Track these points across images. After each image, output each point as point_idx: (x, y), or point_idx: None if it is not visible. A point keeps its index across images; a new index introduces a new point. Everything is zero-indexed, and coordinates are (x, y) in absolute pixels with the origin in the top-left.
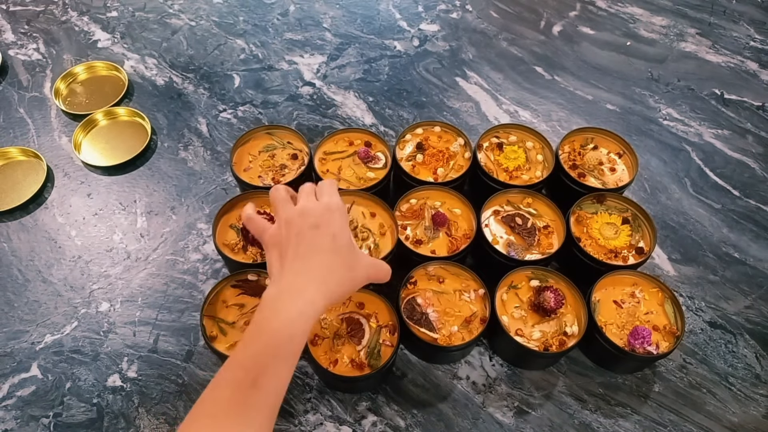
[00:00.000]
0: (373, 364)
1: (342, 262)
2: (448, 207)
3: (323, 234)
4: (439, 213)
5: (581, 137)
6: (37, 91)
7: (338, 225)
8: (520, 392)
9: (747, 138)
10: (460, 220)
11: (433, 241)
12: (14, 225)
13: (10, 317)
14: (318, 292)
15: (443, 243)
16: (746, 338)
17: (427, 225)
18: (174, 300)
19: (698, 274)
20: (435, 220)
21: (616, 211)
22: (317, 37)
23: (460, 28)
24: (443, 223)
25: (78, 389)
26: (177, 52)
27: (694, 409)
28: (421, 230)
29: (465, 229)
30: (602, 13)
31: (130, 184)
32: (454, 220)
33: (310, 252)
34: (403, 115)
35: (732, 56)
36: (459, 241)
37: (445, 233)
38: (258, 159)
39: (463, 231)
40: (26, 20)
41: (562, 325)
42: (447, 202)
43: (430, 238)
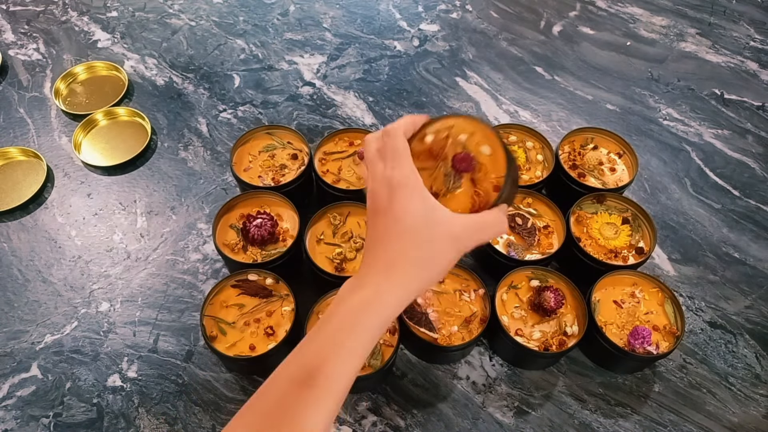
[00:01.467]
0: (373, 364)
1: (413, 246)
2: (477, 142)
3: (386, 219)
4: (461, 154)
5: (581, 137)
6: (37, 91)
7: (402, 204)
8: (520, 392)
9: (747, 138)
10: (490, 162)
11: (453, 193)
12: (14, 225)
13: (10, 317)
14: (387, 282)
15: (464, 198)
16: (746, 338)
17: (448, 171)
18: (174, 300)
19: (698, 274)
20: (456, 164)
21: (616, 211)
22: (317, 37)
23: (460, 28)
24: (467, 166)
25: (78, 389)
26: (177, 52)
27: (694, 409)
28: (439, 178)
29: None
30: (602, 13)
31: (130, 184)
32: (481, 163)
33: (376, 240)
34: (403, 115)
35: (732, 56)
36: (486, 194)
37: (470, 181)
38: (258, 159)
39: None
40: (26, 20)
41: (562, 325)
42: (475, 135)
43: (448, 188)
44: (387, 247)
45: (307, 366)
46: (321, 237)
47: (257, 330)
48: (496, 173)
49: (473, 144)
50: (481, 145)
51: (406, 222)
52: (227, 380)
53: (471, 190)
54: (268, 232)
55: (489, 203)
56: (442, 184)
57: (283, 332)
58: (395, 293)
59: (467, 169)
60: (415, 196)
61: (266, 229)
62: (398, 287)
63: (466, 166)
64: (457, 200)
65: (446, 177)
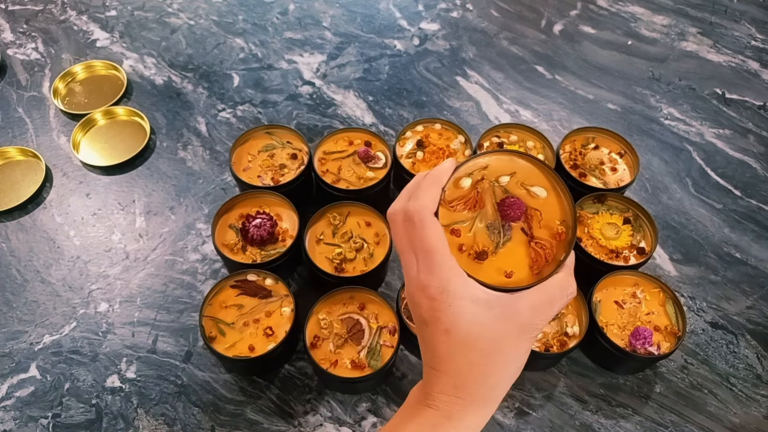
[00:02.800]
0: (373, 365)
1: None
2: (522, 182)
3: (435, 333)
4: (510, 199)
5: (582, 137)
6: (36, 91)
7: (449, 315)
8: (520, 393)
9: (748, 138)
10: (545, 206)
11: (505, 249)
12: (13, 225)
13: (9, 318)
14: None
15: (520, 254)
16: (747, 339)
17: (491, 221)
18: (173, 300)
19: (699, 275)
20: (504, 212)
21: (617, 211)
22: (317, 36)
23: (461, 27)
24: (518, 214)
25: (77, 390)
26: (176, 52)
27: (695, 409)
28: (482, 232)
29: (553, 222)
30: (603, 12)
31: (129, 184)
32: (533, 208)
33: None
34: (403, 114)
35: (733, 56)
36: (547, 246)
37: (522, 231)
38: (257, 159)
39: (550, 228)
40: (25, 19)
41: (562, 325)
42: (518, 173)
43: (497, 245)
44: (449, 367)
45: None
46: (321, 237)
47: (256, 330)
48: (555, 218)
49: (517, 185)
50: (528, 185)
51: (461, 335)
52: (226, 381)
53: (525, 243)
54: (267, 232)
55: (553, 255)
56: (489, 240)
57: (282, 333)
58: (470, 417)
59: (517, 217)
60: (464, 302)
61: (266, 229)
62: (474, 411)
63: (517, 213)
64: (513, 258)
65: (491, 230)
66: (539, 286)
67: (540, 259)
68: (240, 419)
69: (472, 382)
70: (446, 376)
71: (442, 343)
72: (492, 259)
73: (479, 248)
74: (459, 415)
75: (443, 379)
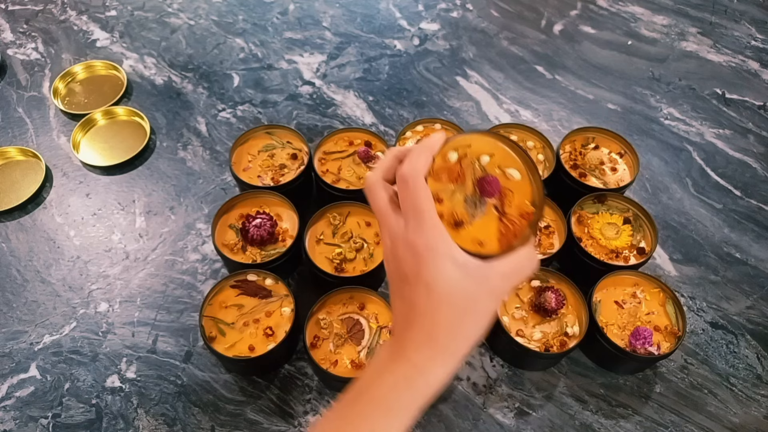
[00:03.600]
0: None
1: (452, 314)
2: (499, 164)
3: (415, 288)
4: (488, 177)
5: (582, 137)
6: (36, 91)
7: (431, 271)
8: (520, 393)
9: (748, 138)
10: (516, 187)
11: (479, 221)
12: (13, 225)
13: (9, 318)
14: (430, 359)
15: (491, 228)
16: (747, 339)
17: (468, 195)
18: (173, 300)
19: (699, 275)
20: (482, 188)
21: (618, 211)
22: (317, 36)
23: (461, 27)
24: (493, 191)
25: (77, 390)
26: (176, 52)
27: (695, 409)
28: (460, 203)
29: (521, 202)
30: (603, 12)
31: (129, 184)
32: (506, 188)
33: (409, 311)
34: (403, 114)
35: (733, 56)
36: (515, 223)
37: (494, 208)
38: (257, 159)
39: (519, 206)
40: (25, 19)
41: (563, 325)
42: (496, 155)
43: (474, 215)
44: (425, 320)
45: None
46: (321, 237)
47: (256, 330)
48: (523, 199)
49: (494, 166)
50: (506, 167)
51: (440, 290)
52: (226, 381)
53: (496, 218)
54: (267, 232)
55: (520, 232)
56: (465, 211)
57: (282, 333)
58: (440, 369)
59: (493, 193)
60: (446, 261)
61: (266, 229)
62: (443, 362)
63: (493, 190)
64: (485, 230)
65: (468, 203)
66: (509, 256)
67: (509, 234)
68: (240, 419)
69: (445, 335)
70: (422, 328)
71: (422, 297)
72: (467, 228)
73: (457, 218)
74: (430, 367)
75: (418, 331)
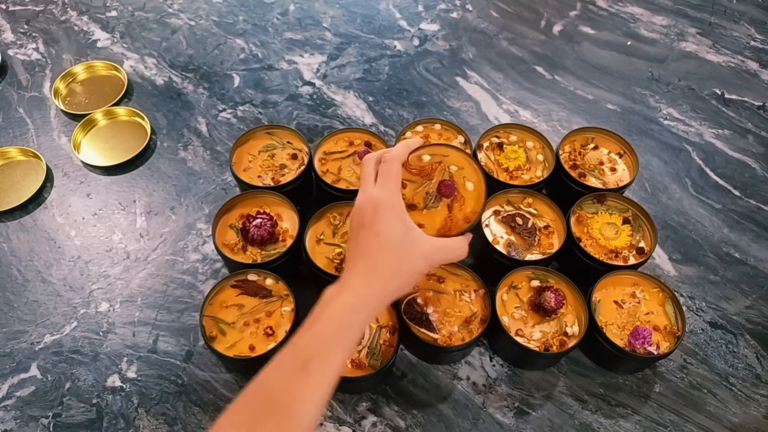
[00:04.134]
0: (373, 364)
1: (391, 258)
2: (464, 176)
3: (369, 233)
4: (448, 182)
5: (582, 137)
6: (37, 91)
7: (384, 222)
8: (520, 393)
9: (748, 138)
10: (469, 197)
11: (429, 211)
12: (14, 225)
13: (10, 317)
14: (368, 288)
15: (437, 218)
16: (747, 338)
17: (430, 190)
18: (173, 300)
19: (699, 275)
20: (441, 189)
21: (617, 211)
22: (317, 36)
23: (461, 27)
24: (449, 193)
25: (77, 389)
26: (176, 52)
27: (694, 409)
28: (420, 194)
29: (468, 210)
30: (603, 12)
31: (130, 184)
32: (462, 195)
33: (358, 252)
34: (403, 114)
35: (732, 56)
36: (456, 222)
37: (447, 206)
38: (258, 159)
39: (465, 212)
40: (26, 20)
41: (562, 325)
42: (465, 169)
43: (426, 206)
44: (369, 259)
45: (301, 357)
46: (321, 237)
47: (257, 330)
48: (471, 208)
49: (460, 176)
50: (467, 179)
51: (387, 238)
52: (227, 381)
53: (444, 214)
54: (267, 232)
55: (456, 230)
56: (422, 200)
57: (282, 332)
58: (376, 298)
59: (448, 195)
60: (396, 216)
61: (266, 229)
62: (378, 294)
63: (448, 192)
64: (430, 218)
65: (428, 195)
66: (442, 239)
67: (448, 228)
68: None
69: (383, 272)
70: (366, 263)
71: (373, 242)
72: (418, 212)
73: (413, 201)
74: (369, 298)
75: (363, 265)
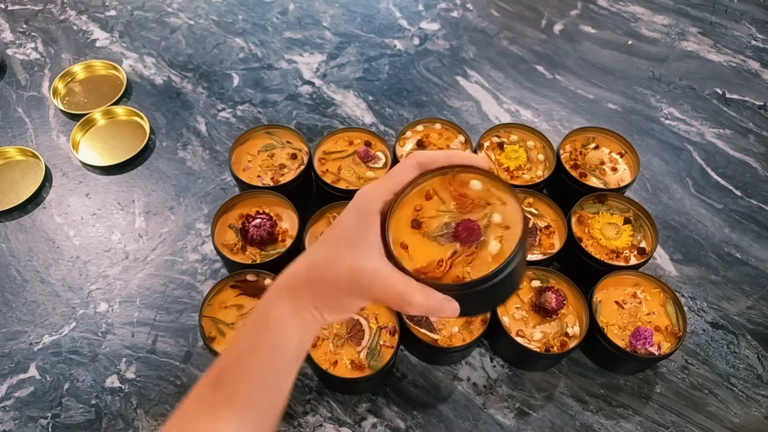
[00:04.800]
0: (373, 365)
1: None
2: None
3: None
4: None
5: (582, 137)
6: (35, 91)
7: (343, 219)
8: (521, 393)
9: (749, 138)
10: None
11: (429, 240)
12: (12, 225)
13: (9, 318)
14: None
15: (431, 253)
16: (748, 339)
17: (451, 223)
18: (172, 300)
19: (700, 275)
20: (460, 230)
21: (618, 211)
22: (317, 35)
23: (461, 26)
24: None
25: (76, 390)
26: (176, 51)
27: (695, 409)
28: (438, 219)
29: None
30: (603, 12)
31: (129, 184)
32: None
33: (325, 267)
34: (403, 114)
35: (734, 55)
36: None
37: (454, 251)
38: (257, 158)
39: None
40: (24, 19)
41: (563, 325)
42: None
43: (431, 234)
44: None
45: (215, 367)
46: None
47: None
48: (475, 273)
49: (495, 233)
50: (499, 240)
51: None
52: None
53: (443, 255)
54: (267, 232)
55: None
56: (434, 226)
57: None
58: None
59: (463, 241)
60: (360, 218)
61: (265, 229)
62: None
63: (466, 239)
64: (426, 249)
65: (441, 226)
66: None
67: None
68: None
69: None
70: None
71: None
72: (416, 233)
73: (423, 219)
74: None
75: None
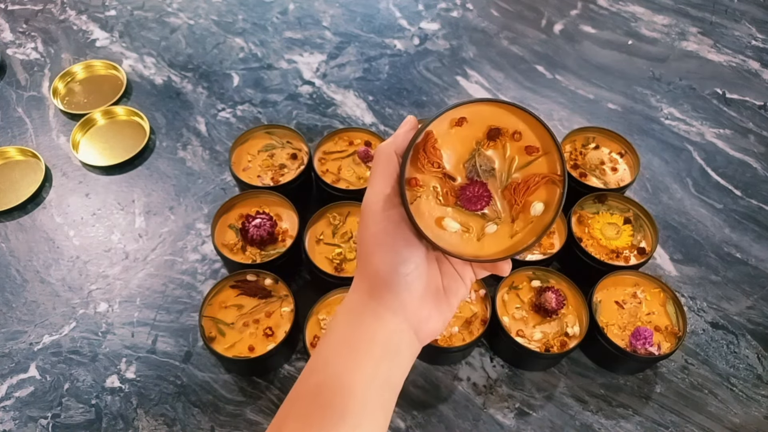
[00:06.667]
0: None
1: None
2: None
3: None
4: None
5: (582, 137)
6: (35, 91)
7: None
8: (521, 393)
9: (749, 138)
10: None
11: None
12: (12, 225)
13: (9, 318)
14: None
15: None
16: (748, 339)
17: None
18: (172, 300)
19: (700, 275)
20: (469, 191)
21: (618, 211)
22: (317, 35)
23: (461, 26)
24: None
25: (76, 390)
26: (176, 51)
27: (695, 409)
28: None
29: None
30: (603, 11)
31: (129, 184)
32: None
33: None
34: (403, 114)
35: (734, 55)
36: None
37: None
38: (257, 158)
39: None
40: (24, 19)
41: (563, 325)
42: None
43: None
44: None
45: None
46: (320, 237)
47: (256, 331)
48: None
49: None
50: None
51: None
52: (226, 381)
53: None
54: (267, 232)
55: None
56: (433, 196)
57: (282, 333)
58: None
59: (474, 207)
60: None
61: (265, 229)
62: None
63: (474, 205)
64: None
65: (438, 195)
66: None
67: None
68: (240, 419)
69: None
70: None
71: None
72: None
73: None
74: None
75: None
